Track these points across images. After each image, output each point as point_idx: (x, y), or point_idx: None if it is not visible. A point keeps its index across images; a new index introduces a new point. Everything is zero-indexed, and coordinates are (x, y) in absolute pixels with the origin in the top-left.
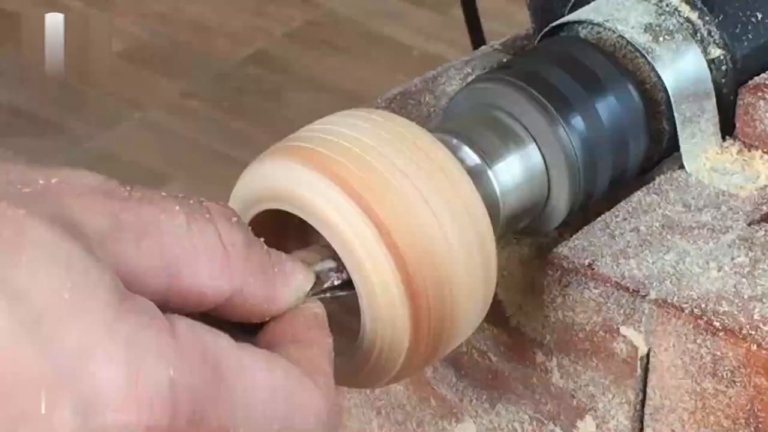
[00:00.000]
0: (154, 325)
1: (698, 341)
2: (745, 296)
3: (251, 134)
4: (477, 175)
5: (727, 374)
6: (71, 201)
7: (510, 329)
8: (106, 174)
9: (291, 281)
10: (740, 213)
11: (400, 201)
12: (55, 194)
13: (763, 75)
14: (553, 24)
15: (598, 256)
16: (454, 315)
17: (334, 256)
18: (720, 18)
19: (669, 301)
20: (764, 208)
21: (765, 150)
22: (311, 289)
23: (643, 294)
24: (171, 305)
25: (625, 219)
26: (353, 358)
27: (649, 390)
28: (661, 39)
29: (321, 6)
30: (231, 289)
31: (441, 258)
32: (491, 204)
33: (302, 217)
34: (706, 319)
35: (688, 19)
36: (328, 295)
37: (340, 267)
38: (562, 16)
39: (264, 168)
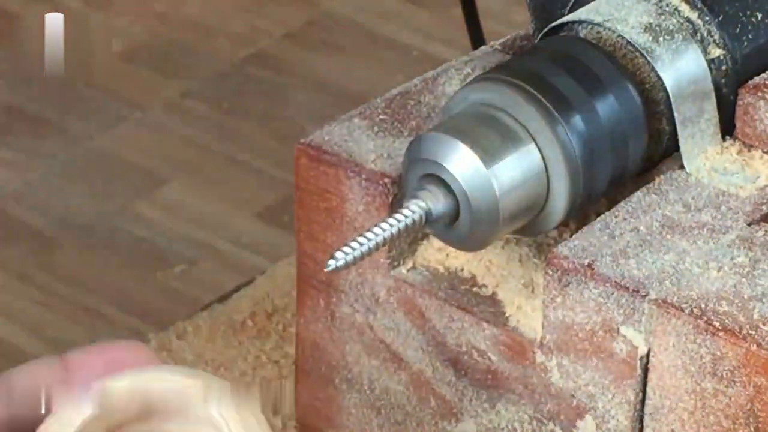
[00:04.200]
0: None
1: (698, 341)
2: (745, 296)
3: (251, 134)
4: (476, 175)
5: (726, 374)
6: None
7: (510, 329)
8: (106, 174)
9: None
10: (740, 213)
11: None
12: None
13: (763, 75)
14: (553, 24)
15: (597, 256)
16: None
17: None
18: (720, 18)
19: (669, 301)
20: (764, 208)
21: (765, 150)
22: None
23: (643, 294)
24: None
25: (625, 219)
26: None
27: (648, 390)
28: (660, 39)
29: (321, 6)
30: None
31: None
32: (490, 204)
33: None
34: (705, 319)
35: (688, 19)
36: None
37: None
38: (562, 16)
39: None
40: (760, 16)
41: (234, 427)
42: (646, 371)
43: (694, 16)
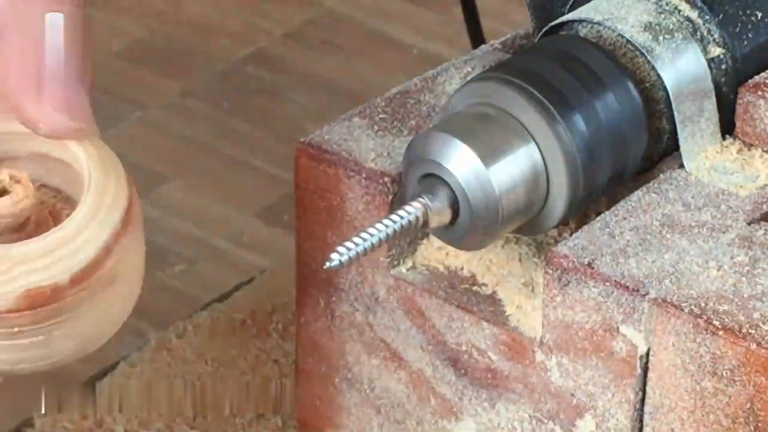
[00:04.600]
0: None
1: (698, 340)
2: (745, 295)
3: (251, 134)
4: (476, 175)
5: (726, 373)
6: None
7: (510, 328)
8: None
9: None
10: (740, 212)
11: None
12: None
13: (763, 74)
14: (553, 23)
15: (597, 255)
16: None
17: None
18: (720, 17)
19: (668, 300)
20: (764, 207)
21: (765, 149)
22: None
23: (643, 293)
24: None
25: (625, 218)
26: None
27: (648, 389)
28: (660, 38)
29: (321, 6)
30: None
31: None
32: (490, 203)
33: None
34: (705, 318)
35: (687, 18)
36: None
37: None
38: (562, 15)
39: None
40: (760, 15)
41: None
42: (645, 371)
43: (694, 14)
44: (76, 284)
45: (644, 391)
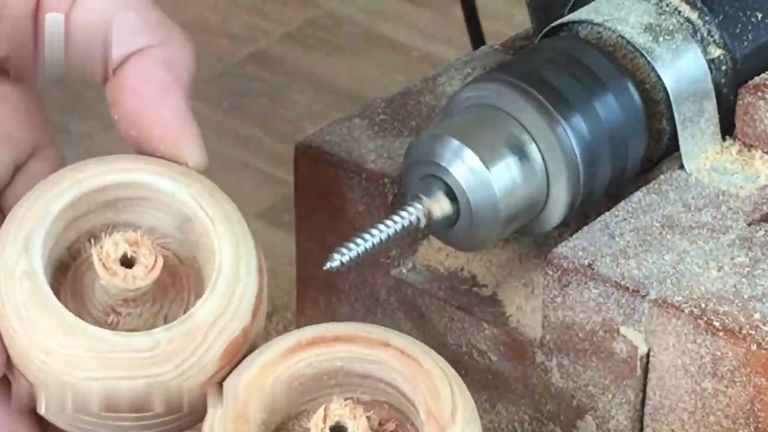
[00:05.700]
0: None
1: (698, 341)
2: (745, 296)
3: (251, 134)
4: (476, 176)
5: (726, 374)
6: None
7: (510, 329)
8: None
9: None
10: (740, 213)
11: None
12: None
13: (763, 75)
14: (553, 24)
15: (597, 256)
16: None
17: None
18: (720, 18)
19: (669, 301)
20: (764, 208)
21: (765, 150)
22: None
23: (643, 294)
24: None
25: (625, 219)
26: None
27: (648, 390)
28: (661, 39)
29: (321, 6)
30: None
31: None
32: (490, 204)
33: None
34: (705, 319)
35: (688, 19)
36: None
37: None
38: (562, 15)
39: None
40: (760, 15)
41: (210, 210)
42: (646, 371)
43: (694, 16)
44: (255, 316)
45: (644, 392)
